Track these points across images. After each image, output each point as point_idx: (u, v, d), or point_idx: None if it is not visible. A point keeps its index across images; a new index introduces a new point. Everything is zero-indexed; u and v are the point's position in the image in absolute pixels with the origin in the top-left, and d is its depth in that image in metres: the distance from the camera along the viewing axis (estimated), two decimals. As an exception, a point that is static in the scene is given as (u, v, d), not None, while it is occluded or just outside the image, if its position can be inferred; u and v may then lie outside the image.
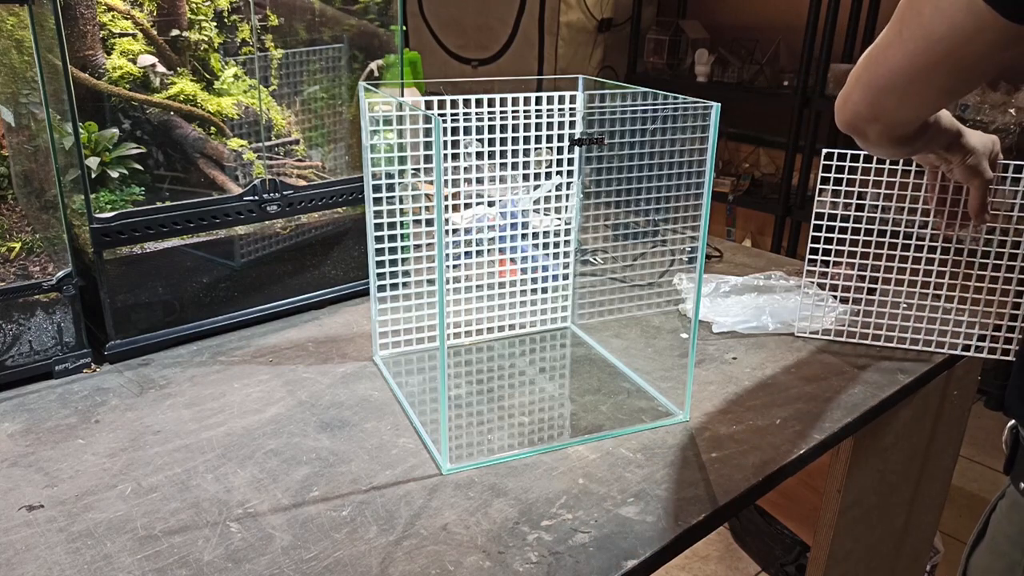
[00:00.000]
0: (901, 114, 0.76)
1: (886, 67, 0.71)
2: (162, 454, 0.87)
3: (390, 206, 1.03)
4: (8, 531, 0.75)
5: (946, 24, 0.63)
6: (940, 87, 0.70)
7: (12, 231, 1.07)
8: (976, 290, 1.13)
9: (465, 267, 1.09)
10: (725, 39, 3.55)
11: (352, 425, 0.94)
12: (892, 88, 0.72)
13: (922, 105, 0.75)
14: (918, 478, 1.29)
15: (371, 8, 1.33)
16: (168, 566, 0.70)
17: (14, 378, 1.01)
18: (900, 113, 0.75)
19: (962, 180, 0.98)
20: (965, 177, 0.97)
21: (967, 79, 0.69)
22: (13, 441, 0.90)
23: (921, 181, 1.06)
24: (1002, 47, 0.63)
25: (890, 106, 0.74)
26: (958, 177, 0.98)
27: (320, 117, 1.34)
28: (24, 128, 1.06)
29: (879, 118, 0.76)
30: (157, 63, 1.14)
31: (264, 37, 1.25)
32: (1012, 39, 0.62)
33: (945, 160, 0.96)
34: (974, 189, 0.98)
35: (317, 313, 1.26)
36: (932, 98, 0.73)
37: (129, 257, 1.09)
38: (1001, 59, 0.65)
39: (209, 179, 1.19)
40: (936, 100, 0.74)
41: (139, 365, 1.08)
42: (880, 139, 0.79)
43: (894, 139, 0.80)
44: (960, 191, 1.02)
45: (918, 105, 0.75)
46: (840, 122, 0.80)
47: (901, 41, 0.68)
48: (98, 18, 1.10)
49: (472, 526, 0.76)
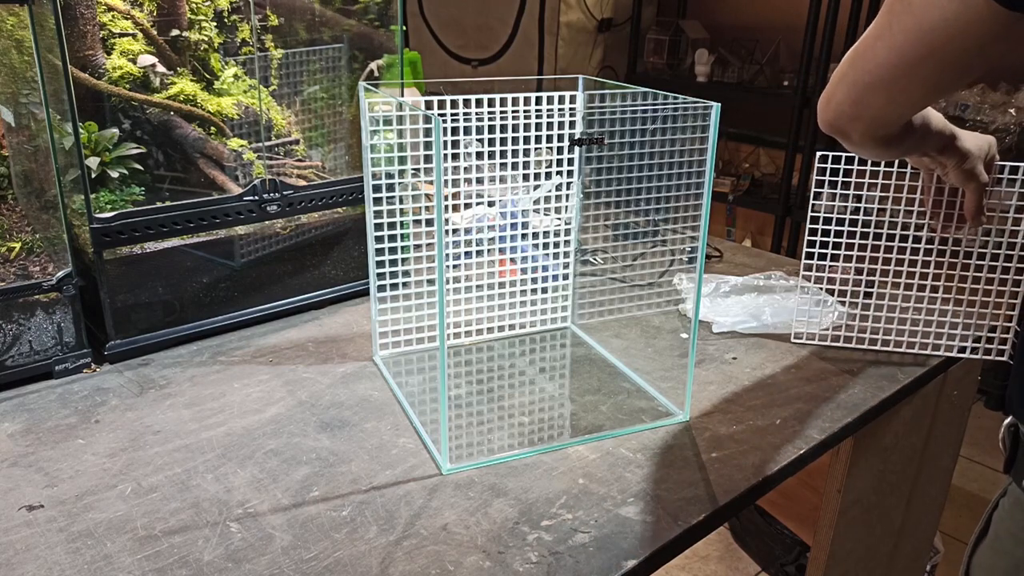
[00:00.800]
0: (885, 112, 0.74)
1: (873, 62, 0.68)
2: (162, 454, 0.87)
3: (390, 206, 1.03)
4: (8, 531, 0.75)
5: (937, 14, 0.62)
6: (927, 82, 0.68)
7: (12, 231, 1.07)
8: (972, 291, 1.13)
9: (465, 267, 1.09)
10: (725, 39, 3.55)
11: (352, 425, 0.94)
12: (878, 84, 0.70)
13: (907, 103, 0.73)
14: (918, 478, 1.29)
15: (371, 8, 1.33)
16: (168, 566, 0.70)
17: (14, 378, 1.01)
18: (884, 111, 0.74)
19: (957, 183, 0.97)
20: (960, 181, 0.96)
21: (956, 74, 0.67)
22: (13, 441, 0.90)
23: (917, 183, 1.06)
24: (994, 38, 0.62)
25: (875, 103, 0.72)
26: (953, 180, 0.97)
27: (320, 117, 1.34)
28: (24, 128, 1.06)
29: (862, 116, 0.74)
30: (157, 63, 1.14)
31: (264, 37, 1.25)
32: (1005, 29, 0.61)
33: (940, 164, 0.95)
34: (970, 192, 0.97)
35: (317, 313, 1.26)
36: (918, 95, 0.71)
37: (129, 257, 1.09)
38: (992, 52, 0.63)
39: (209, 179, 1.19)
40: (922, 97, 0.72)
41: (139, 365, 1.08)
42: (864, 139, 0.78)
43: (878, 139, 0.78)
44: (956, 192, 1.02)
45: (903, 103, 0.73)
46: (823, 122, 0.78)
47: (890, 34, 0.66)
48: (98, 18, 1.10)
49: (472, 526, 0.76)
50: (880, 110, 0.73)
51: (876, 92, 0.71)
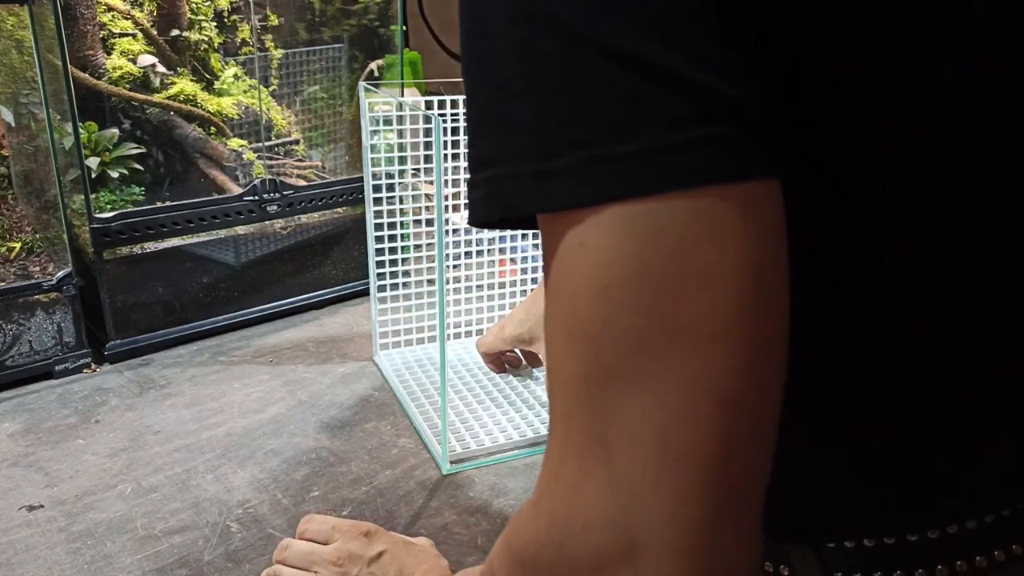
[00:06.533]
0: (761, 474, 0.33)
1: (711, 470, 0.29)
2: (162, 454, 0.87)
3: (390, 206, 1.03)
4: (8, 531, 0.75)
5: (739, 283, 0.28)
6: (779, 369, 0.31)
7: (12, 231, 1.07)
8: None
9: (465, 267, 1.09)
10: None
11: (352, 425, 0.94)
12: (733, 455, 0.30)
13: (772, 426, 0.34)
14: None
15: (371, 8, 1.33)
16: (168, 566, 0.70)
17: (14, 378, 1.01)
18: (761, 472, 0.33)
19: None
20: None
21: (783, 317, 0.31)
22: (13, 441, 0.90)
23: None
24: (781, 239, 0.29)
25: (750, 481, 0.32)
26: None
27: (320, 117, 1.34)
28: (24, 128, 1.06)
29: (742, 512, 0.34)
30: (157, 63, 1.14)
31: (264, 37, 1.25)
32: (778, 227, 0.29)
33: None
34: None
35: (317, 313, 1.26)
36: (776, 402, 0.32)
37: (129, 257, 1.09)
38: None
39: (209, 179, 1.19)
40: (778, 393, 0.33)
41: (139, 365, 1.08)
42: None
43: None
44: None
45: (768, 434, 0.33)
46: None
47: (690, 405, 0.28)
48: (98, 18, 1.10)
49: (472, 526, 0.76)
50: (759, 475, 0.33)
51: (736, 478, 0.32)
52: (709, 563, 0.27)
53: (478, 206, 0.30)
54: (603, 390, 0.27)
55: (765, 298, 0.27)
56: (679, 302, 0.26)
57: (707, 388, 0.26)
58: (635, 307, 0.26)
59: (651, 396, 0.26)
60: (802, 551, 0.37)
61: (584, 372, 0.27)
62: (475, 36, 0.32)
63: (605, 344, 0.27)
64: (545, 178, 0.27)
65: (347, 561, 0.61)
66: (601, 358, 0.27)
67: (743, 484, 0.28)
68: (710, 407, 0.26)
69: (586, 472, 0.28)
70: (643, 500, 0.27)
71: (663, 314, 0.26)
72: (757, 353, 0.27)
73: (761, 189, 0.27)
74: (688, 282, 0.26)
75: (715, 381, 0.26)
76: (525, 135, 0.28)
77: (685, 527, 0.27)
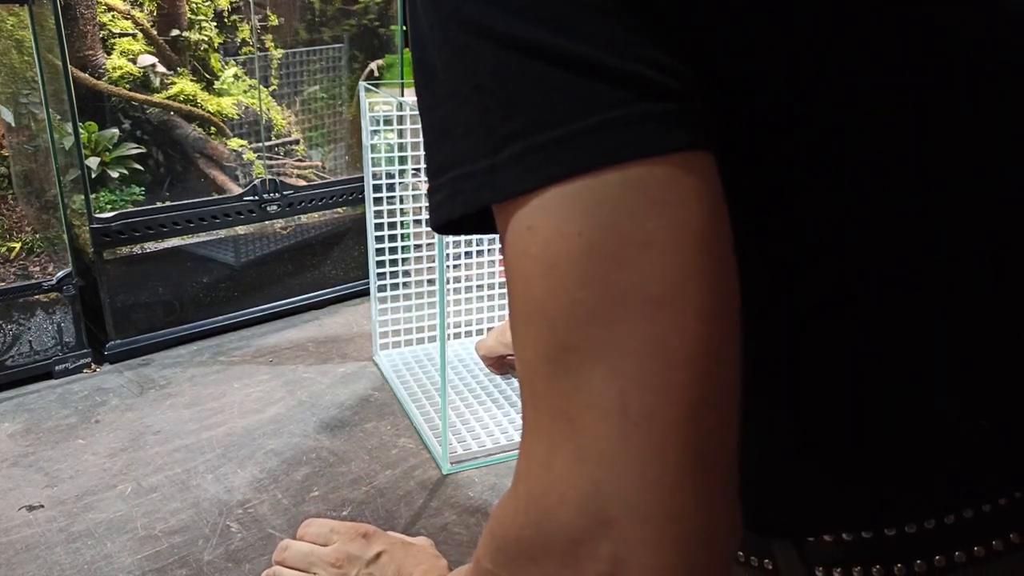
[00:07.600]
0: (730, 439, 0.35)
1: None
2: (162, 454, 0.87)
3: (390, 206, 1.03)
4: (8, 531, 0.75)
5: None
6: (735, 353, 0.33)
7: (12, 231, 1.08)
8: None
9: (465, 267, 1.10)
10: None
11: (352, 425, 0.94)
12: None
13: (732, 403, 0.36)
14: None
15: (371, 8, 1.33)
16: (168, 566, 0.70)
17: (14, 378, 1.01)
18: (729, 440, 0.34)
19: None
20: None
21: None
22: (13, 441, 0.90)
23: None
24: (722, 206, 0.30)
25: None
26: None
27: (320, 117, 1.34)
28: (24, 128, 1.06)
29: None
30: (157, 63, 1.14)
31: (264, 37, 1.25)
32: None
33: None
34: None
35: (317, 313, 1.26)
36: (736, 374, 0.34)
37: (129, 257, 1.09)
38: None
39: (209, 179, 1.19)
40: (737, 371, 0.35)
41: (139, 365, 1.08)
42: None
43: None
44: None
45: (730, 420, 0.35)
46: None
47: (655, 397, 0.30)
48: (98, 18, 1.10)
49: (472, 526, 0.76)
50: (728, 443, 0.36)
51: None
52: (682, 527, 0.28)
53: (439, 208, 0.31)
54: (562, 365, 0.27)
55: (708, 262, 0.28)
56: (622, 271, 0.26)
57: (659, 351, 0.27)
58: (581, 280, 0.27)
59: (606, 364, 0.27)
60: (784, 546, 0.38)
61: (543, 351, 0.28)
62: (421, 51, 0.33)
63: (558, 320, 0.27)
64: (495, 171, 0.29)
65: (346, 562, 0.62)
66: (556, 334, 0.27)
67: (707, 446, 0.28)
68: (665, 370, 0.27)
69: (555, 448, 0.28)
70: (610, 468, 0.27)
71: (608, 284, 0.26)
72: (705, 316, 0.27)
73: (691, 160, 0.28)
74: (629, 250, 0.26)
75: (666, 344, 0.27)
76: (475, 135, 0.29)
77: (653, 490, 0.27)
